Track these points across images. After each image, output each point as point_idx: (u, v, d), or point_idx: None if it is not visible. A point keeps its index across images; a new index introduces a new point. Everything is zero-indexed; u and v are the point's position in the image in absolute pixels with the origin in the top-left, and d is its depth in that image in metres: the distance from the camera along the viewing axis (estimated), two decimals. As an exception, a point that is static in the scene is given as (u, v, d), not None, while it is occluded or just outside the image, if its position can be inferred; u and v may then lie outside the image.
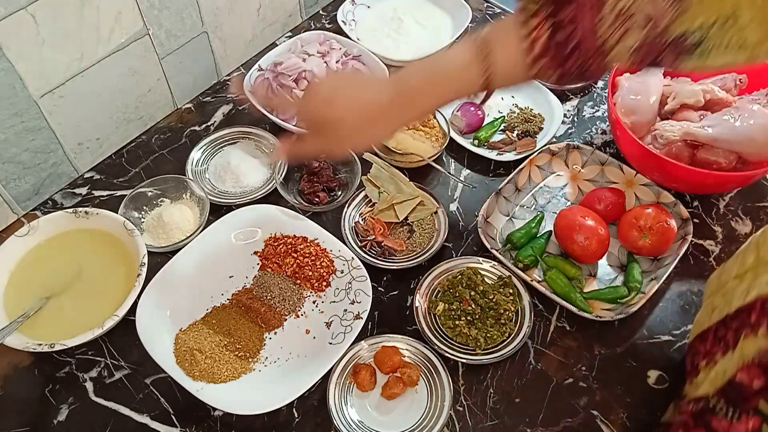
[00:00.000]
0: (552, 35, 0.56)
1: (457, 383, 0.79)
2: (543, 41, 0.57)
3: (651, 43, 0.53)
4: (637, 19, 0.52)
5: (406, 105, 0.65)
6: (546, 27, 0.56)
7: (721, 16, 0.49)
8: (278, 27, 1.17)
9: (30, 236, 0.84)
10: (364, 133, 0.67)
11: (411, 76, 0.65)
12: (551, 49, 0.57)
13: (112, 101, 0.96)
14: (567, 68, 0.57)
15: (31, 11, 0.78)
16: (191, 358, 0.76)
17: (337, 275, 0.86)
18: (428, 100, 0.65)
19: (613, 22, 0.53)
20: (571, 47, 0.56)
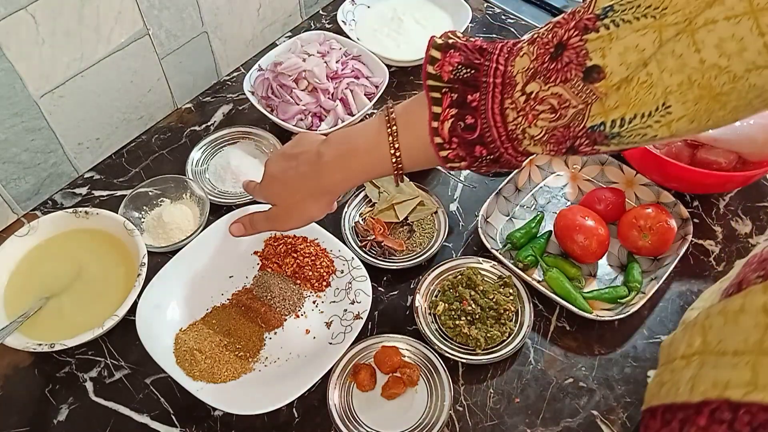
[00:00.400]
0: (457, 121, 0.53)
1: (457, 383, 0.79)
2: (447, 128, 0.54)
3: (563, 132, 0.50)
4: (546, 107, 0.49)
5: (324, 180, 0.64)
6: (451, 114, 0.53)
7: (640, 113, 0.46)
8: (278, 27, 1.17)
9: (30, 236, 0.84)
10: (296, 210, 0.68)
11: (327, 150, 0.63)
12: (456, 137, 0.54)
13: (112, 101, 0.96)
14: (476, 155, 0.54)
15: (31, 11, 0.78)
16: (191, 358, 0.76)
17: (337, 275, 0.86)
18: (342, 177, 0.63)
19: (522, 108, 0.50)
20: (478, 134, 0.53)
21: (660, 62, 0.43)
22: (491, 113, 0.52)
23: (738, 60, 0.40)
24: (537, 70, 0.49)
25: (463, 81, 0.53)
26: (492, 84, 0.52)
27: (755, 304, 0.47)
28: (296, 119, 0.99)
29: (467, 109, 0.53)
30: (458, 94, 0.53)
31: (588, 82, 0.46)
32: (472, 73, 0.52)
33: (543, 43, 0.49)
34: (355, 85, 1.02)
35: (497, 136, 0.52)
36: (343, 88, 1.01)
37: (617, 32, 0.44)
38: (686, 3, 0.41)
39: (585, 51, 0.46)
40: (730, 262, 0.90)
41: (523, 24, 1.22)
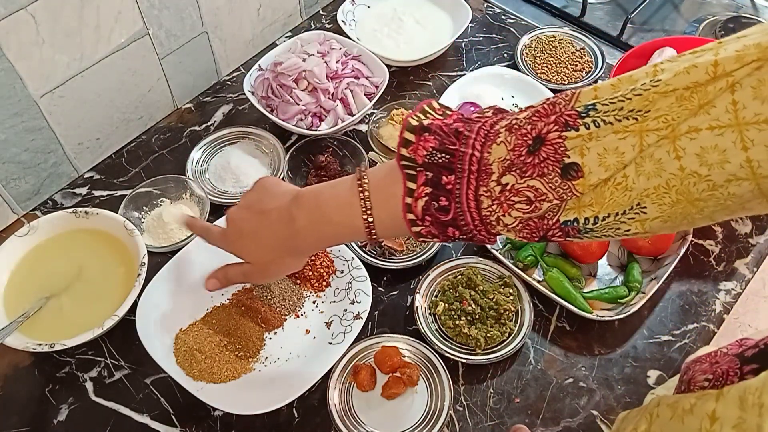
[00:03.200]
0: (431, 201, 0.51)
1: (457, 383, 0.79)
2: (421, 206, 0.52)
3: (537, 223, 0.49)
4: (522, 198, 0.48)
5: (299, 243, 0.61)
6: (425, 192, 0.52)
7: (614, 212, 0.45)
8: (278, 27, 1.17)
9: (30, 236, 0.84)
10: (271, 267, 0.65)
11: (300, 216, 0.60)
12: (429, 216, 0.52)
13: (112, 101, 0.96)
14: (449, 236, 0.53)
15: (31, 11, 0.78)
16: (191, 358, 0.76)
17: (337, 275, 0.86)
18: (316, 241, 0.61)
19: (498, 197, 0.49)
20: (452, 217, 0.51)
21: (638, 165, 0.42)
22: (465, 198, 0.50)
23: (719, 171, 0.39)
24: (513, 162, 0.48)
25: (437, 165, 0.51)
26: (467, 171, 0.50)
27: (705, 409, 0.46)
28: (296, 119, 0.99)
29: (442, 190, 0.51)
30: (433, 173, 0.51)
31: (565, 179, 0.45)
32: (447, 158, 0.51)
33: (521, 134, 0.48)
34: (355, 85, 1.02)
35: (470, 220, 0.51)
36: (343, 88, 1.01)
37: (598, 132, 0.43)
38: (670, 108, 0.40)
39: (564, 148, 0.45)
40: (730, 262, 0.90)
41: (523, 24, 1.22)
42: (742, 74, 0.37)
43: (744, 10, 1.28)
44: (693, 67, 0.40)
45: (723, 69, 0.38)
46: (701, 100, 0.39)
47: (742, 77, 0.37)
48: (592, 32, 1.21)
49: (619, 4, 1.29)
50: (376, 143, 0.99)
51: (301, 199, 0.60)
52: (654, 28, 1.25)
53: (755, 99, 0.37)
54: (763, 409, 0.40)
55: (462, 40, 1.19)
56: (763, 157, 0.37)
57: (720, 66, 0.38)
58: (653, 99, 0.41)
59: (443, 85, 1.10)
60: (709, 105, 0.39)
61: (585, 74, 1.12)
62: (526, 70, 1.12)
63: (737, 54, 0.38)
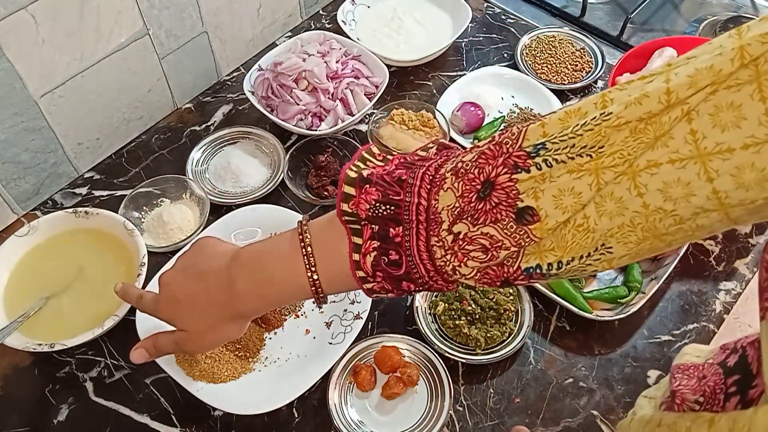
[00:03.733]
0: (381, 255, 0.49)
1: (457, 383, 0.79)
2: (370, 262, 0.49)
3: (496, 271, 0.46)
4: (477, 246, 0.45)
5: (240, 307, 0.57)
6: (373, 247, 0.49)
7: (578, 255, 0.42)
8: (278, 27, 1.17)
9: (30, 236, 0.84)
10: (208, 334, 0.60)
11: (239, 279, 0.56)
12: (380, 271, 0.49)
13: (112, 101, 0.96)
14: (404, 290, 0.50)
15: (31, 11, 0.78)
16: (191, 358, 0.76)
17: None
18: (259, 304, 0.58)
19: (451, 247, 0.46)
20: (404, 271, 0.48)
21: (598, 205, 0.40)
22: (416, 250, 0.47)
23: (684, 205, 0.37)
24: (464, 209, 0.45)
25: (383, 218, 0.48)
26: (416, 221, 0.47)
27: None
28: (296, 119, 0.99)
29: (390, 243, 0.48)
30: (379, 226, 0.48)
31: (521, 224, 0.43)
32: (392, 210, 0.48)
33: (468, 179, 0.45)
34: (355, 85, 1.02)
35: (425, 272, 0.48)
36: (343, 88, 1.01)
37: (551, 173, 0.41)
38: (624, 143, 0.38)
39: (516, 191, 0.42)
40: (730, 262, 0.90)
41: (523, 24, 1.22)
42: (697, 100, 0.35)
43: (744, 10, 1.28)
44: (644, 97, 0.37)
45: (676, 96, 0.36)
46: (657, 132, 0.37)
47: (697, 104, 0.35)
48: (592, 32, 1.21)
49: (619, 4, 1.29)
50: (376, 143, 0.99)
51: (240, 259, 0.57)
52: (654, 28, 1.25)
53: (714, 127, 0.34)
54: None
55: (462, 40, 1.19)
56: (730, 187, 0.35)
57: (673, 93, 0.36)
58: (606, 134, 0.39)
59: (443, 85, 1.10)
60: (667, 137, 0.37)
61: (585, 74, 1.12)
62: (526, 70, 1.12)
63: (689, 79, 0.35)
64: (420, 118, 1.01)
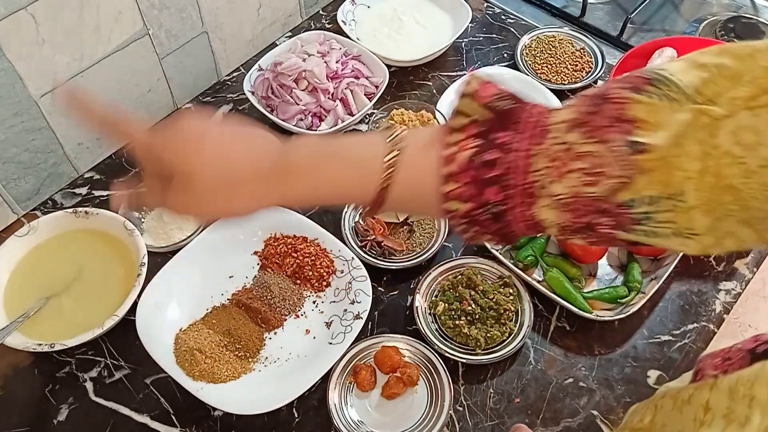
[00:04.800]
0: (477, 154, 0.46)
1: (457, 383, 0.79)
2: (465, 157, 0.46)
3: (586, 201, 0.43)
4: (581, 165, 0.43)
5: (280, 182, 0.50)
6: (472, 144, 0.46)
7: (665, 193, 0.41)
8: (278, 27, 1.17)
9: (30, 236, 0.84)
10: (219, 198, 0.50)
11: (300, 147, 0.51)
12: (471, 170, 0.46)
13: (112, 101, 0.95)
14: (484, 200, 0.46)
15: (31, 11, 0.78)
16: (191, 358, 0.76)
17: (337, 275, 0.86)
18: (306, 185, 0.50)
19: (556, 158, 0.44)
20: (499, 173, 0.45)
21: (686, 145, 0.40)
22: (518, 155, 0.45)
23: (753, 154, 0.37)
24: (577, 119, 0.44)
25: (497, 113, 0.47)
26: (530, 124, 0.46)
27: (700, 400, 0.45)
28: (296, 119, 0.99)
29: (493, 144, 0.46)
30: (485, 129, 0.46)
31: (632, 152, 0.41)
32: (511, 106, 0.47)
33: (587, 95, 0.45)
34: (355, 85, 1.02)
35: (517, 181, 0.45)
36: (343, 88, 1.01)
37: (666, 104, 0.41)
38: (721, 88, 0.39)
39: (627, 112, 0.42)
40: (730, 262, 0.90)
41: (523, 24, 1.22)
42: None
43: (744, 10, 1.28)
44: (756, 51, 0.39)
45: None
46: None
47: None
48: (592, 32, 1.21)
49: (619, 4, 1.29)
50: (376, 143, 0.99)
51: (304, 137, 0.52)
52: (654, 28, 1.25)
53: None
54: (754, 401, 0.40)
55: (462, 40, 1.19)
56: None
57: None
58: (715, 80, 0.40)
59: (443, 85, 1.10)
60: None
61: (585, 74, 1.12)
62: (526, 70, 1.12)
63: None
64: (420, 118, 1.01)
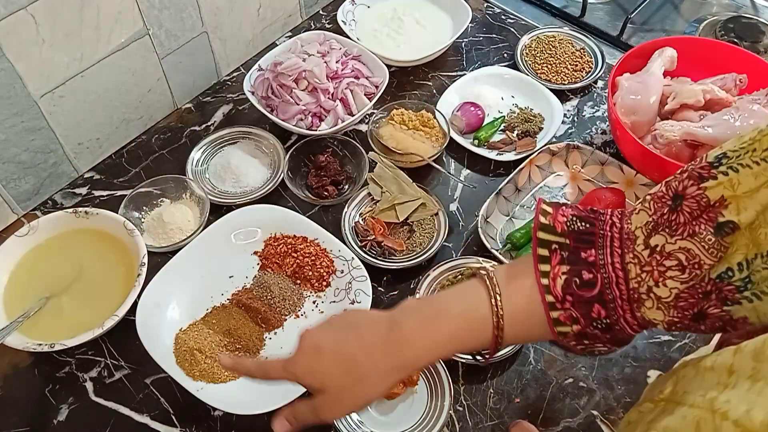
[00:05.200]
0: (572, 277, 0.49)
1: (457, 383, 0.79)
2: (561, 284, 0.50)
3: (688, 293, 0.46)
4: (674, 263, 0.46)
5: (400, 354, 0.53)
6: (564, 270, 0.50)
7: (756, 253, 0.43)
8: (278, 27, 1.17)
9: (30, 236, 0.84)
10: (357, 392, 0.54)
11: (407, 318, 0.54)
12: (570, 295, 0.49)
13: (112, 101, 0.96)
14: (593, 317, 0.49)
15: (31, 11, 0.78)
16: (191, 358, 0.76)
17: (337, 275, 0.86)
18: (424, 348, 0.54)
19: (648, 262, 0.47)
20: (599, 291, 0.49)
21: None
22: (611, 268, 0.48)
23: None
24: (658, 222, 0.47)
25: (577, 233, 0.50)
26: (610, 237, 0.49)
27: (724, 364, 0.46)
28: (296, 119, 0.99)
29: (582, 264, 0.49)
30: (569, 252, 0.50)
31: (719, 235, 0.44)
32: (587, 226, 0.50)
33: (658, 197, 0.48)
34: (355, 85, 1.02)
35: (618, 293, 0.48)
36: (343, 88, 1.01)
37: (738, 177, 0.43)
38: None
39: (706, 199, 0.44)
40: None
41: (523, 24, 1.22)
42: None
43: (744, 10, 1.28)
44: None
45: None
46: None
47: None
48: (592, 32, 1.21)
49: (619, 4, 1.29)
50: (376, 143, 0.99)
51: (407, 302, 0.56)
52: (654, 28, 1.25)
53: None
54: None
55: (462, 40, 1.19)
56: None
57: None
58: None
59: (443, 85, 1.10)
60: None
61: (585, 74, 1.12)
62: (526, 70, 1.12)
63: None
64: (420, 118, 1.01)
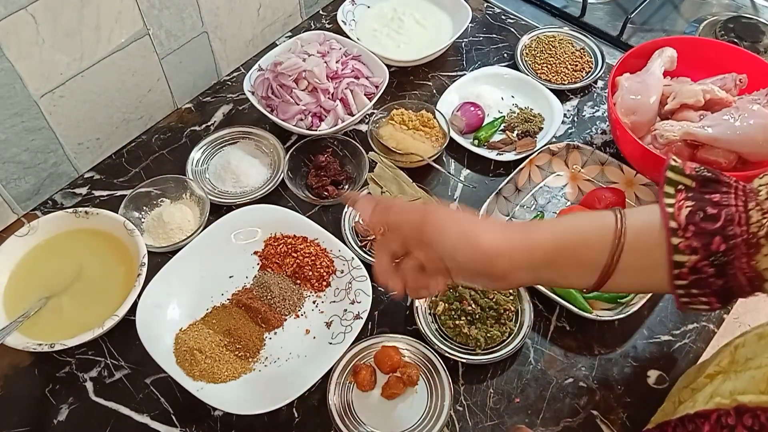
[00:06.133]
0: (697, 210, 0.51)
1: (457, 383, 0.79)
2: (686, 213, 0.51)
3: None
4: None
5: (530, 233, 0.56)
6: (688, 204, 0.51)
7: None
8: (278, 27, 1.17)
9: (30, 236, 0.84)
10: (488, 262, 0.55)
11: (536, 226, 0.57)
12: (692, 225, 0.51)
13: (112, 101, 0.96)
14: (712, 249, 0.50)
15: (31, 11, 0.78)
16: (191, 358, 0.76)
17: (337, 275, 0.86)
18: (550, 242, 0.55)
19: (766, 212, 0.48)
20: (721, 225, 0.50)
21: None
22: (735, 209, 0.50)
23: None
24: None
25: (703, 179, 0.52)
26: (734, 187, 0.51)
27: None
28: (296, 119, 0.99)
29: (707, 202, 0.51)
30: (695, 191, 0.52)
31: None
32: (713, 176, 0.52)
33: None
34: (355, 85, 1.02)
35: (738, 232, 0.49)
36: (343, 88, 1.01)
37: None
38: None
39: None
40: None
41: (523, 24, 1.22)
42: None
43: (744, 10, 1.28)
44: None
45: None
46: None
47: None
48: (592, 32, 1.21)
49: (619, 4, 1.29)
50: (376, 143, 0.99)
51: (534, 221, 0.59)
52: (654, 28, 1.25)
53: None
54: None
55: (462, 40, 1.19)
56: None
57: None
58: None
59: (443, 85, 1.10)
60: None
61: (585, 74, 1.12)
62: (526, 70, 1.12)
63: None
64: (420, 118, 1.01)
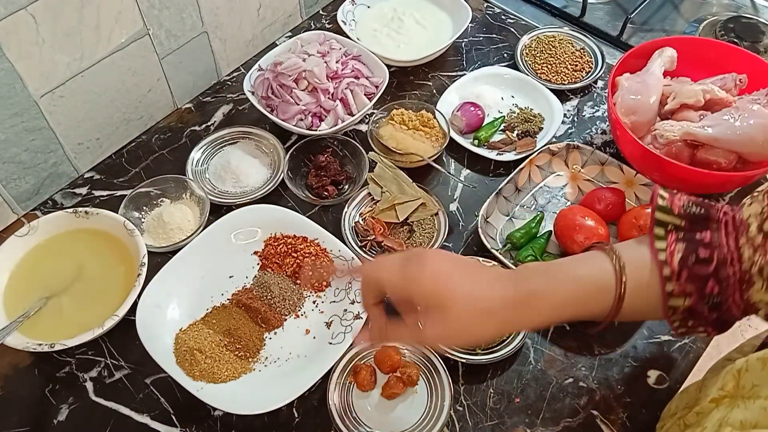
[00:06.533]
0: (689, 254, 0.52)
1: (457, 383, 0.79)
2: (679, 259, 0.52)
3: None
4: None
5: (527, 308, 0.56)
6: (679, 247, 0.53)
7: None
8: (278, 27, 1.17)
9: (30, 236, 0.84)
10: (473, 327, 0.55)
11: (535, 276, 0.57)
12: (689, 269, 0.52)
13: (112, 101, 0.96)
14: (706, 293, 0.52)
15: (31, 11, 0.78)
16: (191, 358, 0.76)
17: (337, 275, 0.86)
18: (549, 307, 0.56)
19: (762, 245, 0.49)
20: (714, 268, 0.51)
21: None
22: (727, 249, 0.51)
23: None
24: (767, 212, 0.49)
25: (692, 216, 0.53)
26: (724, 222, 0.52)
27: None
28: (296, 119, 0.99)
29: (699, 243, 0.52)
30: (685, 232, 0.53)
31: None
32: (702, 211, 0.53)
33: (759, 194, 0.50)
34: (355, 85, 1.02)
35: (732, 272, 0.51)
36: (343, 88, 1.01)
37: None
38: None
39: None
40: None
41: (523, 24, 1.22)
42: None
43: (744, 10, 1.28)
44: None
45: None
46: None
47: None
48: (592, 32, 1.21)
49: (619, 4, 1.29)
50: (376, 143, 0.99)
51: (526, 265, 0.59)
52: (654, 28, 1.25)
53: None
54: None
55: (462, 40, 1.19)
56: None
57: None
58: None
59: (443, 85, 1.10)
60: None
61: (585, 74, 1.12)
62: (526, 70, 1.12)
63: None
64: (420, 118, 1.01)
